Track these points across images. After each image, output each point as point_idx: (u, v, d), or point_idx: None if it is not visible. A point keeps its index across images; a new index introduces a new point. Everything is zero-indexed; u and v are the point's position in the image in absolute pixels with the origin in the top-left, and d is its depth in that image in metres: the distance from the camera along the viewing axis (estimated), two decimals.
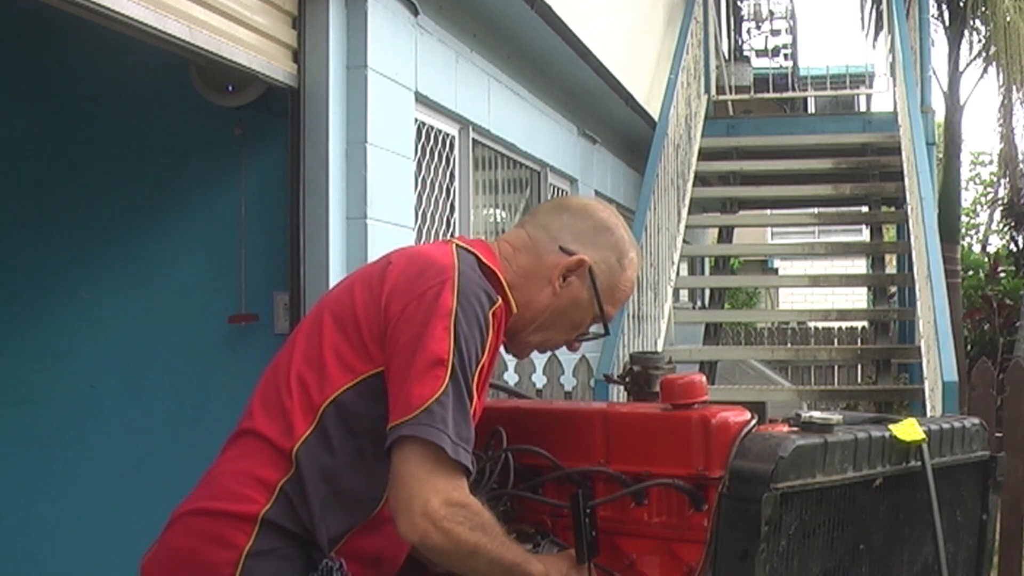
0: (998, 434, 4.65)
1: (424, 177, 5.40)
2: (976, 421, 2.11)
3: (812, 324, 13.82)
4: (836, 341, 13.27)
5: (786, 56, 16.53)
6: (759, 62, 15.48)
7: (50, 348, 4.79)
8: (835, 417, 1.77)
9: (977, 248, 19.43)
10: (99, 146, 4.78)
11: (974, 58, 13.03)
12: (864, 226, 11.76)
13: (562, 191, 7.70)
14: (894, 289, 10.77)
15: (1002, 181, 17.51)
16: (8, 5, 4.28)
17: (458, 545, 1.71)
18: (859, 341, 12.86)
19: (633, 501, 1.86)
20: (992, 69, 12.64)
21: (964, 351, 10.45)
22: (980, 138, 60.43)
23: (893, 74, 9.38)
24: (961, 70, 12.59)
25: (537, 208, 2.12)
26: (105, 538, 4.51)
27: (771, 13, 16.25)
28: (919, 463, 1.90)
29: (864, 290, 16.53)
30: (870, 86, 13.19)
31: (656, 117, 8.29)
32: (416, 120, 5.15)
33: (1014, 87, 12.57)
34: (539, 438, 1.96)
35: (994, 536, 2.24)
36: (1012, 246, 15.04)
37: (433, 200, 5.55)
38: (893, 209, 9.62)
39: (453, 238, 2.01)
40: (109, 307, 4.74)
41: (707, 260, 12.52)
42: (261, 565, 1.78)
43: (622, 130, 9.08)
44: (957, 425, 2.05)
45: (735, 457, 1.72)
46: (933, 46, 11.00)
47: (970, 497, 2.13)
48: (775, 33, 16.38)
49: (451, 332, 1.74)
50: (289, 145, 4.33)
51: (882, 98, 15.26)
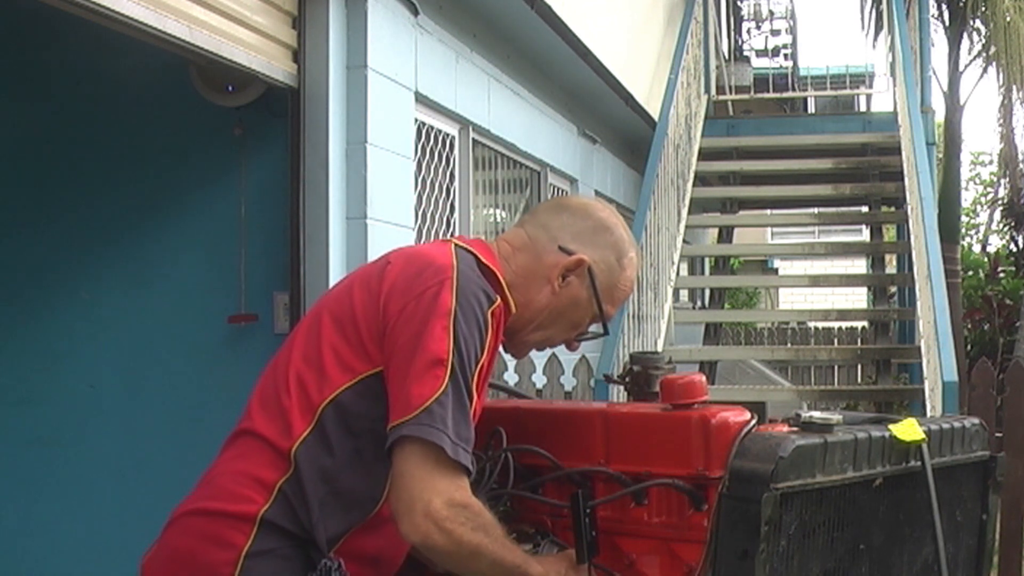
0: (998, 434, 4.65)
1: (424, 177, 5.40)
2: (976, 421, 2.11)
3: (812, 324, 13.82)
4: (836, 341, 13.27)
5: (786, 56, 16.53)
6: (759, 62, 15.49)
7: (50, 348, 4.79)
8: (835, 417, 1.77)
9: (977, 248, 19.42)
10: (99, 146, 4.78)
11: (974, 58, 13.03)
12: (864, 226, 11.76)
13: (562, 191, 7.70)
14: (894, 289, 10.77)
15: (1002, 181, 17.51)
16: (8, 5, 4.28)
17: (460, 546, 1.71)
18: (859, 341, 12.86)
19: (633, 501, 1.86)
20: (992, 69, 12.63)
21: (964, 351, 10.44)
22: (980, 138, 60.48)
23: (893, 74, 9.38)
24: (961, 70, 12.59)
25: (536, 208, 2.12)
26: (105, 538, 4.51)
27: (771, 13, 16.25)
28: (919, 463, 1.90)
29: (864, 290, 16.53)
30: (870, 86, 13.18)
31: (656, 117, 8.29)
32: (416, 120, 5.15)
33: (1014, 87, 12.56)
34: (539, 438, 1.96)
35: (994, 536, 2.24)
36: (1012, 246, 15.04)
37: (433, 200, 5.55)
38: (893, 209, 9.61)
39: (452, 238, 2.00)
40: (109, 307, 4.74)
41: (707, 260, 12.51)
42: (260, 565, 1.78)
43: (622, 130, 9.08)
44: (957, 425, 2.05)
45: (735, 457, 1.72)
46: (933, 46, 11.00)
47: (970, 497, 2.13)
48: (775, 33, 16.39)
49: (450, 332, 1.74)
50: (289, 145, 4.33)
51: (882, 98, 15.27)
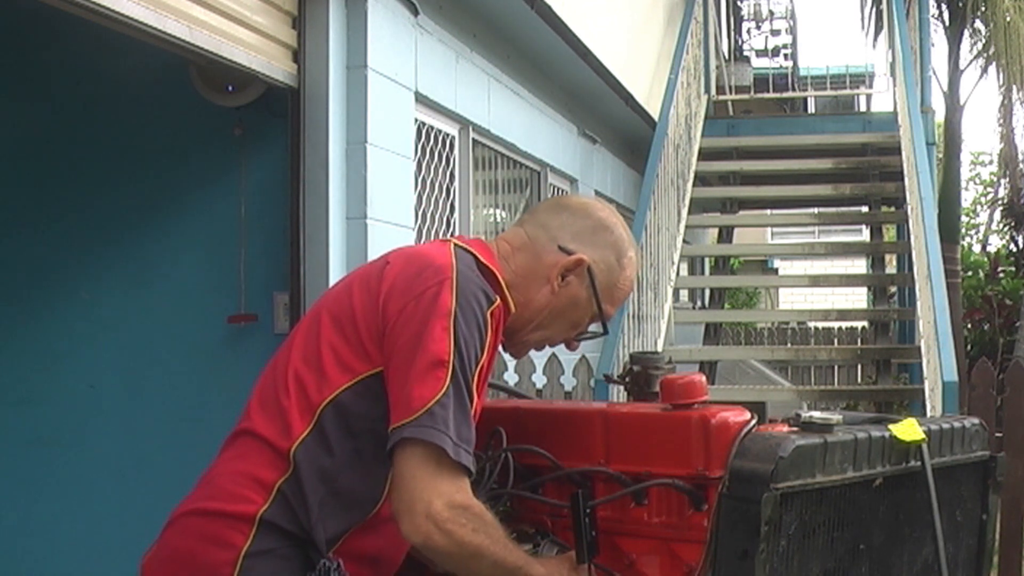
0: (998, 434, 4.65)
1: (424, 177, 5.40)
2: (976, 421, 2.11)
3: (812, 324, 13.82)
4: (836, 341, 13.27)
5: (786, 56, 16.53)
6: (759, 62, 15.49)
7: (50, 348, 4.79)
8: (835, 417, 1.77)
9: (977, 248, 19.42)
10: (99, 146, 4.78)
11: (974, 58, 13.03)
12: (864, 226, 11.76)
13: (562, 191, 7.69)
14: (894, 289, 10.77)
15: (1002, 181, 17.50)
16: (8, 5, 4.28)
17: (461, 547, 1.70)
18: (859, 341, 12.85)
19: (633, 501, 1.86)
20: (992, 69, 12.63)
21: (964, 351, 10.44)
22: (980, 138, 60.48)
23: (893, 74, 9.38)
24: (961, 70, 12.59)
25: (536, 207, 2.11)
26: (105, 538, 4.51)
27: (771, 13, 16.25)
28: (919, 463, 1.90)
29: (864, 290, 16.52)
30: (870, 86, 13.19)
31: (656, 117, 8.29)
32: (416, 120, 5.15)
33: (1014, 87, 12.57)
34: (539, 438, 1.96)
35: (994, 536, 2.24)
36: (1012, 246, 15.03)
37: (433, 200, 5.55)
38: (893, 209, 9.61)
39: (451, 237, 2.00)
40: (109, 307, 4.74)
41: (707, 260, 12.51)
42: (259, 565, 1.78)
43: (622, 130, 9.08)
44: (957, 425, 2.05)
45: (735, 457, 1.72)
46: (933, 46, 11.00)
47: (970, 497, 2.13)
48: (775, 33, 16.39)
49: (451, 332, 1.74)
50: (289, 145, 4.33)
51: (882, 98, 15.27)
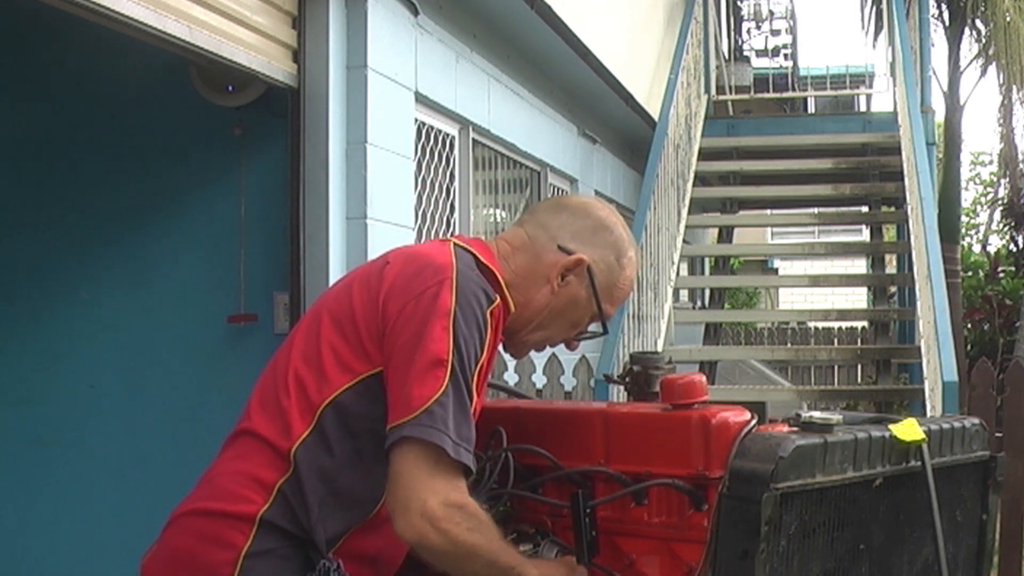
0: (998, 434, 4.65)
1: (424, 177, 5.40)
2: (976, 421, 2.11)
3: (812, 324, 13.81)
4: (836, 341, 13.27)
5: (786, 56, 16.53)
6: (759, 62, 15.49)
7: (50, 348, 4.79)
8: (835, 417, 1.77)
9: (977, 248, 19.42)
10: (99, 146, 4.78)
11: (974, 58, 13.03)
12: (864, 226, 11.75)
13: (562, 191, 7.69)
14: (894, 289, 10.77)
15: (1002, 181, 17.49)
16: (8, 5, 4.28)
17: (456, 546, 1.70)
18: (859, 341, 12.85)
19: (633, 501, 1.86)
20: (992, 69, 12.62)
21: (964, 351, 10.43)
22: (980, 138, 60.47)
23: (893, 74, 9.38)
24: (961, 70, 12.59)
25: (536, 207, 2.11)
26: (105, 538, 4.51)
27: (771, 13, 16.25)
28: (919, 463, 1.90)
29: (864, 290, 16.52)
30: (870, 86, 13.18)
31: (656, 117, 8.29)
32: (416, 120, 5.15)
33: (1014, 87, 12.56)
34: (539, 438, 1.96)
35: (994, 536, 2.23)
36: (1012, 246, 15.02)
37: (433, 200, 5.54)
38: (893, 209, 9.61)
39: (451, 237, 2.00)
40: (109, 307, 4.74)
41: (707, 260, 12.51)
42: (260, 565, 1.78)
43: (622, 130, 9.08)
44: (957, 425, 2.05)
45: (735, 457, 1.72)
46: (933, 46, 11.00)
47: (970, 497, 2.13)
48: (775, 33, 16.39)
49: (450, 332, 1.74)
50: (289, 145, 4.33)
51: (882, 98, 15.28)
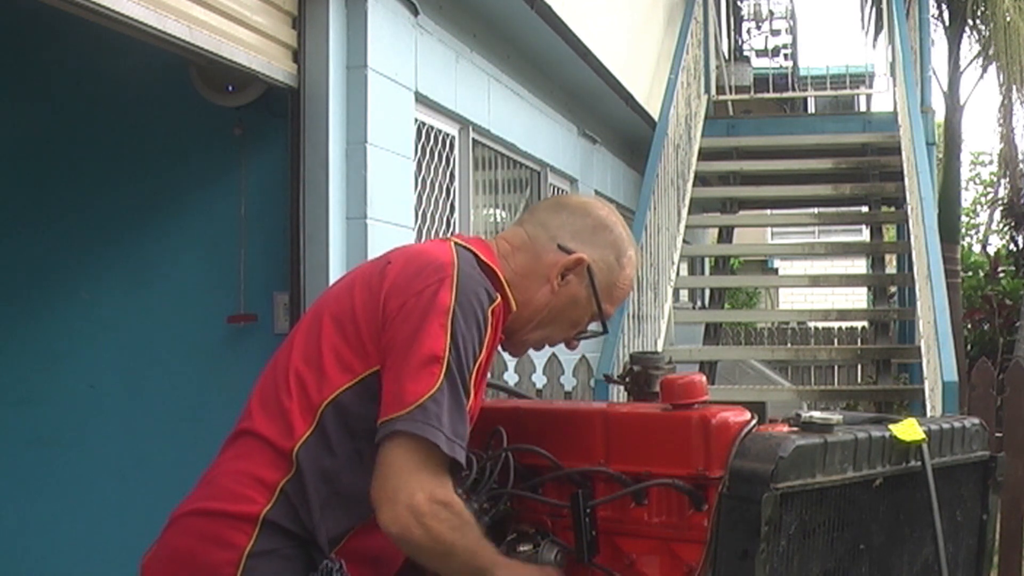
0: (998, 434, 4.65)
1: (424, 177, 5.40)
2: (976, 421, 2.11)
3: (812, 324, 13.81)
4: (836, 341, 13.26)
5: (786, 56, 16.52)
6: (759, 62, 15.48)
7: (50, 348, 4.79)
8: (835, 417, 1.77)
9: (977, 248, 19.41)
10: (99, 146, 4.78)
11: (974, 58, 13.03)
12: (864, 226, 11.75)
13: (562, 191, 7.69)
14: (894, 289, 10.76)
15: (1002, 181, 17.49)
16: (8, 5, 4.28)
17: (435, 543, 1.71)
18: (859, 341, 12.85)
19: (633, 501, 1.86)
20: (992, 69, 12.63)
21: (964, 351, 10.43)
22: (980, 138, 60.47)
23: (893, 74, 9.38)
24: (961, 70, 12.58)
25: (536, 206, 2.11)
26: (105, 538, 4.51)
27: (771, 13, 16.24)
28: (919, 463, 1.90)
29: (864, 290, 16.52)
30: (870, 86, 13.18)
31: (656, 117, 8.29)
32: (416, 120, 5.15)
33: (1014, 87, 12.55)
34: (539, 438, 1.96)
35: (994, 536, 2.23)
36: (1012, 246, 15.01)
37: (433, 200, 5.54)
38: (893, 209, 9.61)
39: (451, 236, 2.00)
40: (109, 307, 4.74)
41: (707, 260, 12.51)
42: (262, 565, 1.78)
43: (622, 130, 9.08)
44: (957, 425, 2.05)
45: (735, 457, 1.72)
46: (933, 46, 11.00)
47: (970, 497, 2.13)
48: (775, 33, 16.38)
49: (448, 329, 1.74)
50: (289, 145, 4.33)
51: (882, 98, 15.28)
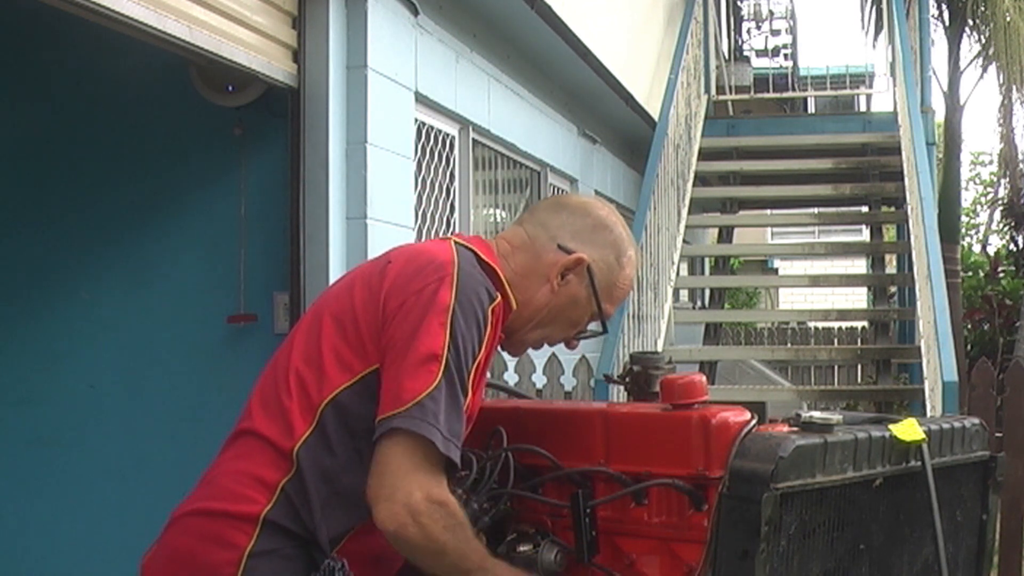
0: (998, 434, 4.65)
1: (424, 177, 5.40)
2: (976, 421, 2.11)
3: (812, 324, 13.81)
4: (836, 341, 13.26)
5: (786, 56, 16.53)
6: (759, 62, 15.48)
7: (50, 348, 4.79)
8: (835, 417, 1.77)
9: (977, 248, 19.41)
10: (99, 146, 4.78)
11: (974, 58, 13.03)
12: (864, 226, 11.75)
13: (562, 191, 7.69)
14: (894, 289, 10.76)
15: (1002, 181, 17.49)
16: (8, 5, 4.28)
17: (429, 542, 1.71)
18: (859, 341, 12.85)
19: (633, 501, 1.86)
20: (992, 69, 12.62)
21: (964, 351, 10.43)
22: (980, 138, 60.48)
23: (893, 74, 9.38)
24: (961, 70, 12.59)
25: (536, 206, 2.11)
26: (105, 538, 4.51)
27: (771, 13, 16.25)
28: (919, 463, 1.90)
29: (864, 290, 16.52)
30: (870, 86, 13.18)
31: (656, 117, 8.29)
32: (416, 120, 5.15)
33: (1014, 87, 12.55)
34: (539, 438, 1.96)
35: (994, 536, 2.23)
36: (1012, 246, 15.02)
37: (433, 200, 5.54)
38: (893, 209, 9.61)
39: (451, 235, 2.00)
40: (109, 307, 4.74)
41: (707, 260, 12.51)
42: (263, 565, 1.78)
43: (622, 130, 9.08)
44: (957, 425, 2.05)
45: (735, 457, 1.72)
46: (933, 46, 11.00)
47: (970, 497, 2.13)
48: (775, 33, 16.39)
49: (447, 328, 1.74)
50: (289, 145, 4.33)
51: (882, 98, 15.27)
